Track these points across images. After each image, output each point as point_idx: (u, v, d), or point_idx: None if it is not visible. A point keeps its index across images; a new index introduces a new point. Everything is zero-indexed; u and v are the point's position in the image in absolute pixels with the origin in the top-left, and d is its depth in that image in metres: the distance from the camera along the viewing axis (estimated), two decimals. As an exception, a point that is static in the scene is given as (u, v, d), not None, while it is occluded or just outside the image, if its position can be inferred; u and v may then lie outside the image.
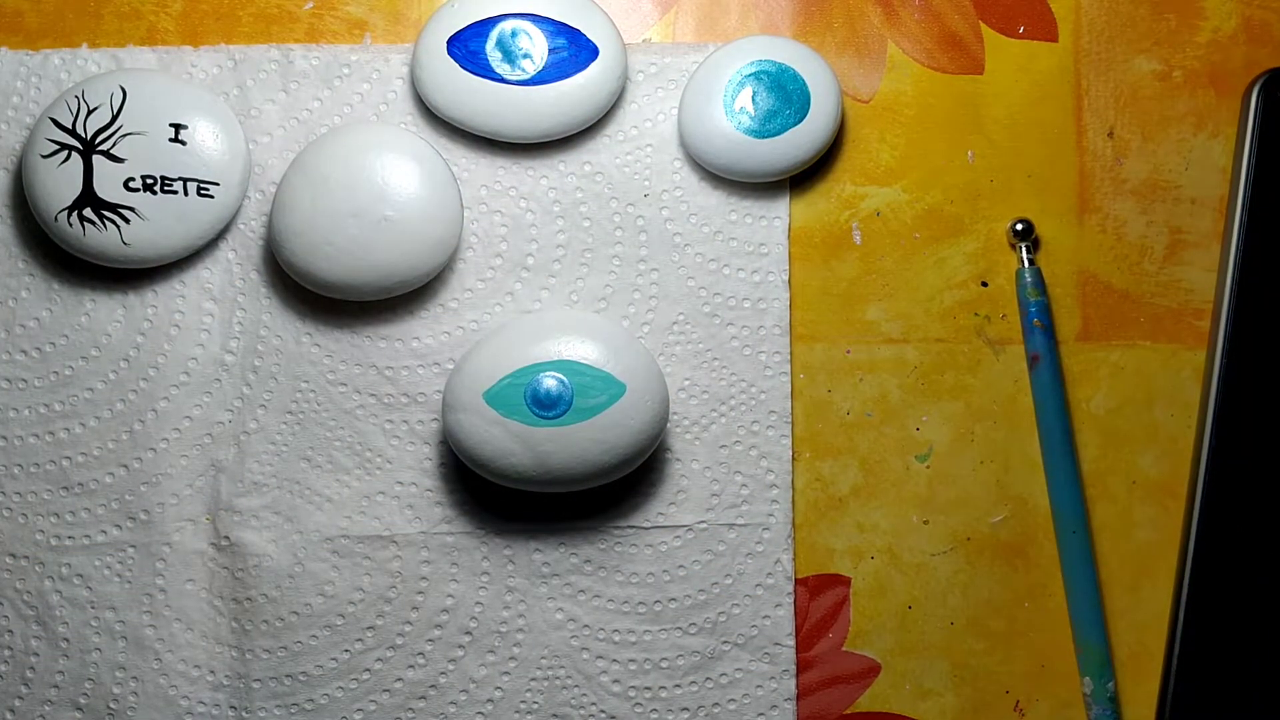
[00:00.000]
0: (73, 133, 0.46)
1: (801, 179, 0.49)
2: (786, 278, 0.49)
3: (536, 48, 0.47)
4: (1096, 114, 0.50)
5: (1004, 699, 0.48)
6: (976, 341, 0.49)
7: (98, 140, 0.46)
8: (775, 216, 0.49)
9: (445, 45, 0.47)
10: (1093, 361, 0.49)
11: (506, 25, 0.47)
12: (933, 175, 0.50)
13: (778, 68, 0.48)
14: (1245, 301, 0.48)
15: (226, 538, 0.47)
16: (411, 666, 0.47)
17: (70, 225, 0.46)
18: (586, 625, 0.47)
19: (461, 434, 0.45)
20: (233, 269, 0.48)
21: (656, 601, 0.48)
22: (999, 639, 0.49)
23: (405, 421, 0.48)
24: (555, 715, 0.47)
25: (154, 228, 0.46)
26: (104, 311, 0.48)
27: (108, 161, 0.46)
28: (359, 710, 0.47)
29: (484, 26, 0.47)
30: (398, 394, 0.48)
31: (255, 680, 0.47)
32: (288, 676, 0.47)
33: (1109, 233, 0.50)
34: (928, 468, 0.49)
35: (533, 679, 0.47)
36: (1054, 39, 0.50)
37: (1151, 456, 0.49)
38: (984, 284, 0.49)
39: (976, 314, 0.49)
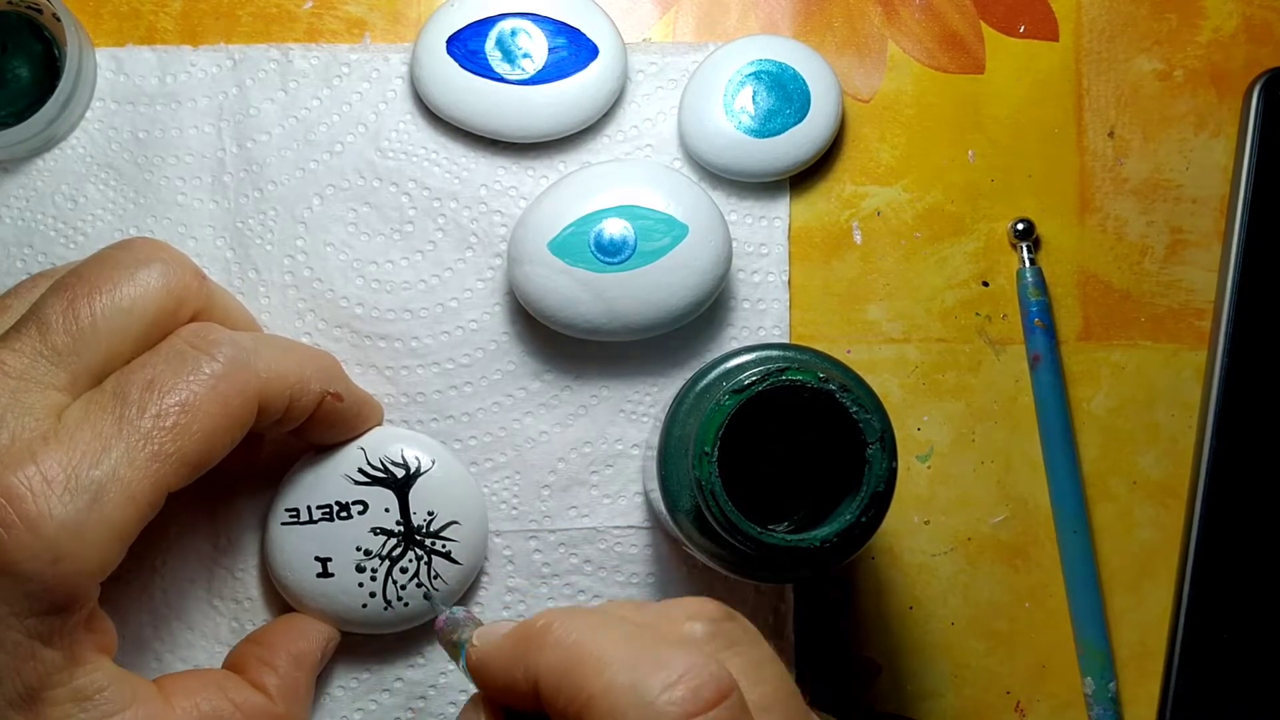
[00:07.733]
0: None
1: (801, 179, 0.49)
2: (786, 278, 0.49)
3: (536, 47, 0.47)
4: (1097, 113, 0.50)
5: (1005, 699, 0.48)
6: (977, 341, 0.49)
7: None
8: (775, 216, 0.49)
9: (445, 45, 0.47)
10: (1093, 361, 0.49)
11: (506, 25, 0.47)
12: (933, 175, 0.50)
13: (778, 67, 0.48)
14: (1246, 301, 0.48)
15: (226, 538, 0.47)
16: (411, 666, 0.47)
17: None
18: (586, 625, 0.47)
19: (529, 286, 0.45)
20: (230, 268, 0.48)
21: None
22: (1000, 639, 0.48)
23: (404, 422, 0.48)
24: (555, 715, 0.47)
25: None
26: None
27: None
28: (359, 710, 0.47)
29: (484, 26, 0.47)
30: (397, 394, 0.48)
31: (255, 680, 0.47)
32: (288, 677, 0.47)
33: (1110, 232, 0.50)
34: (928, 468, 0.49)
35: (533, 679, 0.47)
36: (1055, 38, 0.50)
37: (1152, 456, 0.49)
38: (985, 284, 0.49)
39: (977, 314, 0.49)
